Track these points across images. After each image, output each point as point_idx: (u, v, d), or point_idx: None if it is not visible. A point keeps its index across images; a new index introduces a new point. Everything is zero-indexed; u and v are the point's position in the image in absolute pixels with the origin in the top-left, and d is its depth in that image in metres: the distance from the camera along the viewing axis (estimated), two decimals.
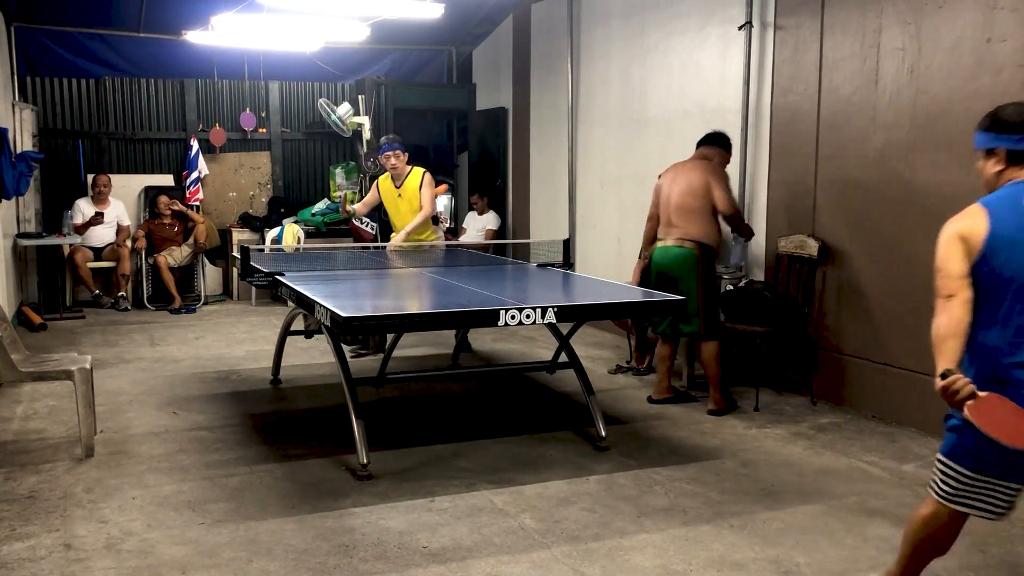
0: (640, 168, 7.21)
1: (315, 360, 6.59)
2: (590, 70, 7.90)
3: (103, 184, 8.90)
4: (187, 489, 4.04)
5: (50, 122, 9.24)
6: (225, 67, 9.78)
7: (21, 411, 5.28)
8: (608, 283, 5.48)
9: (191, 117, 9.73)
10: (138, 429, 4.93)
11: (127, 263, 8.85)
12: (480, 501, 3.91)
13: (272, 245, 8.97)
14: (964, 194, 4.62)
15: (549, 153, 8.65)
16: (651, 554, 3.40)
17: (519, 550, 3.43)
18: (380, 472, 4.21)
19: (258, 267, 5.34)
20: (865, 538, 3.55)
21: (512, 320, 3.98)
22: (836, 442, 4.75)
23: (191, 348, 7.12)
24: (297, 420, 5.17)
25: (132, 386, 5.88)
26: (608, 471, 4.29)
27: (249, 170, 10.11)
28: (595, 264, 7.76)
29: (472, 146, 10.10)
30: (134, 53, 9.46)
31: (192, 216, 9.23)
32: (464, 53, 10.48)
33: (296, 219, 9.66)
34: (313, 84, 10.20)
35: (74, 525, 3.63)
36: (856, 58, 5.19)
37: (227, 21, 7.17)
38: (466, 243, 8.27)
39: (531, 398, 5.73)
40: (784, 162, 5.72)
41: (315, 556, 3.36)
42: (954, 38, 4.62)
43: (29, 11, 8.69)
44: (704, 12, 6.45)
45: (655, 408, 5.42)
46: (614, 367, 6.39)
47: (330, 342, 4.55)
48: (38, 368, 4.56)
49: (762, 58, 5.92)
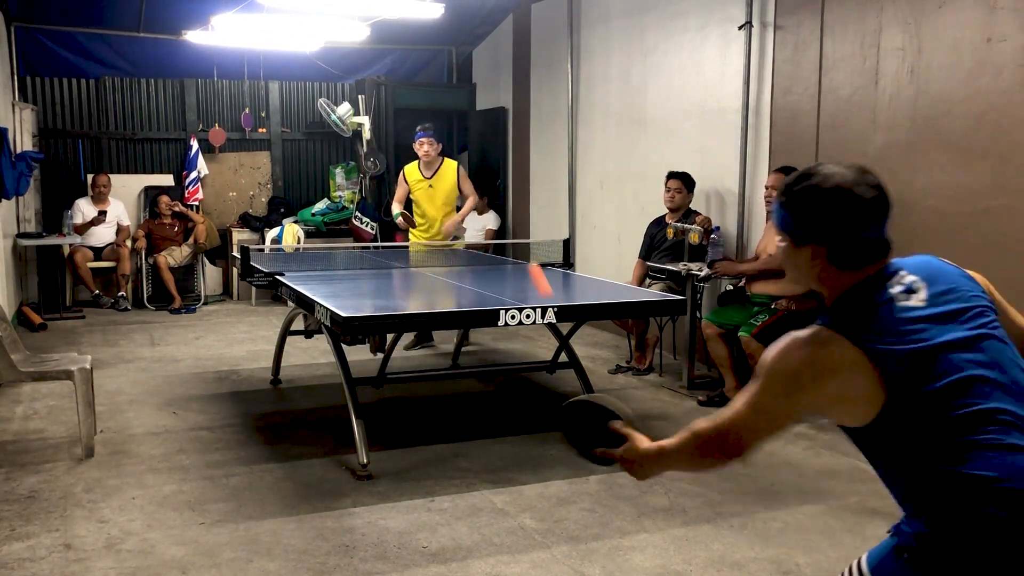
0: (640, 168, 7.21)
1: (315, 360, 6.59)
2: (590, 70, 7.90)
3: (103, 184, 8.89)
4: (187, 489, 4.03)
5: (50, 122, 9.24)
6: (225, 67, 9.77)
7: (21, 411, 5.28)
8: (608, 283, 5.48)
9: (191, 117, 9.73)
10: (138, 429, 4.93)
11: (127, 263, 8.84)
12: (480, 501, 3.91)
13: (272, 245, 8.97)
14: (964, 194, 4.65)
15: (549, 153, 8.65)
16: (651, 554, 3.40)
17: (519, 550, 3.43)
18: (380, 472, 4.21)
19: (258, 267, 5.34)
20: (865, 538, 3.54)
21: (512, 320, 3.99)
22: (836, 442, 4.75)
23: (191, 348, 7.12)
24: (297, 420, 5.17)
25: (132, 386, 5.88)
26: (608, 471, 4.26)
27: (249, 170, 10.11)
28: (595, 264, 7.75)
29: (472, 146, 10.09)
30: (134, 53, 9.45)
31: (192, 216, 9.23)
32: (464, 53, 10.48)
33: (296, 219, 9.66)
34: (313, 84, 10.20)
35: (74, 525, 3.63)
36: (856, 58, 5.19)
37: (227, 21, 7.17)
38: (466, 243, 8.26)
39: (531, 398, 5.72)
40: (784, 162, 5.71)
41: (315, 556, 3.36)
42: (954, 38, 4.62)
43: (29, 11, 8.68)
44: (704, 12, 6.45)
45: (655, 408, 5.42)
46: (614, 367, 6.39)
47: (330, 342, 4.55)
48: (38, 368, 4.56)
49: (762, 58, 5.92)
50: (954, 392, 1.62)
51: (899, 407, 1.63)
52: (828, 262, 1.74)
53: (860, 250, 1.73)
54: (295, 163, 10.31)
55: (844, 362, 1.63)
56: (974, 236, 4.49)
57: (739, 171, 6.07)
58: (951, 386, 1.62)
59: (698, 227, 5.84)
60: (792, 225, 1.78)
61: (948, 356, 1.64)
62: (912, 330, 1.66)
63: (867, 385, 1.63)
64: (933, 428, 1.62)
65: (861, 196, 1.71)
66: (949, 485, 1.61)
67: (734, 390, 5.44)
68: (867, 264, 1.74)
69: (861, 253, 1.73)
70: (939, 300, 1.70)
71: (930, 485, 1.64)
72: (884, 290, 1.71)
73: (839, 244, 1.73)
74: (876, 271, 1.74)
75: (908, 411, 1.63)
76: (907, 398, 1.63)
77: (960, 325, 1.68)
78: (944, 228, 4.67)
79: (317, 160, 10.41)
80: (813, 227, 1.74)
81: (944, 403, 1.62)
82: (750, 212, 6.07)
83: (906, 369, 1.63)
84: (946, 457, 1.61)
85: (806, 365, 1.66)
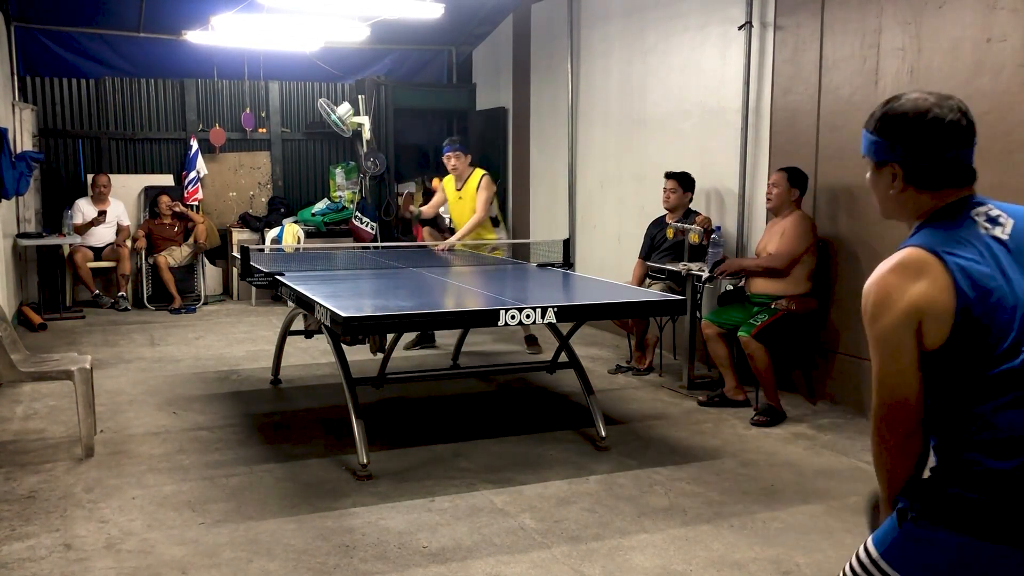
0: (640, 168, 7.21)
1: (315, 360, 6.59)
2: (590, 70, 7.90)
3: (103, 184, 8.89)
4: (187, 489, 4.03)
5: (50, 122, 9.24)
6: (225, 67, 9.77)
7: (21, 411, 5.28)
8: (608, 283, 5.48)
9: (191, 117, 9.73)
10: (138, 429, 4.93)
11: (127, 263, 8.84)
12: (480, 501, 3.91)
13: (272, 245, 8.97)
14: None
15: (549, 153, 8.65)
16: (651, 554, 3.40)
17: (519, 550, 3.43)
18: (380, 472, 4.21)
19: (258, 267, 5.34)
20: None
21: (512, 320, 3.98)
22: (836, 442, 4.75)
23: (191, 348, 7.12)
24: (297, 420, 5.17)
25: (132, 386, 5.88)
26: (608, 471, 4.29)
27: (249, 170, 10.11)
28: (595, 264, 7.75)
29: (472, 146, 10.08)
30: (134, 53, 9.45)
31: (192, 216, 9.23)
32: (464, 53, 10.48)
33: (296, 219, 9.66)
34: (313, 84, 10.20)
35: (74, 525, 3.63)
36: (856, 58, 5.19)
37: (227, 21, 7.17)
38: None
39: (531, 398, 5.72)
40: (784, 162, 5.71)
41: (315, 556, 3.36)
42: (954, 38, 4.62)
43: (29, 11, 8.68)
44: (704, 12, 6.45)
45: (655, 408, 5.42)
46: (614, 367, 6.39)
47: (330, 342, 4.55)
48: (38, 368, 4.56)
49: (762, 58, 5.92)
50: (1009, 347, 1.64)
51: (962, 335, 1.64)
52: (905, 182, 1.77)
53: (937, 170, 1.74)
54: (295, 163, 10.32)
55: (924, 265, 1.66)
56: None
57: (739, 171, 6.07)
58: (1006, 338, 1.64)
59: (698, 227, 5.84)
60: (872, 146, 1.81)
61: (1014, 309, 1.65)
62: (992, 255, 1.68)
63: (946, 299, 1.64)
64: (977, 370, 1.65)
65: (938, 116, 1.72)
66: (974, 430, 1.65)
67: (734, 390, 5.44)
68: (946, 186, 1.75)
69: (938, 173, 1.74)
70: (1021, 236, 1.72)
71: (957, 425, 1.68)
72: (967, 215, 1.73)
73: (914, 162, 1.75)
74: (958, 198, 1.75)
75: (965, 344, 1.65)
76: (969, 329, 1.64)
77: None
78: None
79: (317, 160, 10.41)
80: (890, 145, 1.77)
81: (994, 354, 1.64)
82: (750, 212, 6.07)
83: (976, 298, 1.64)
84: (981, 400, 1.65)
85: (893, 280, 1.68)
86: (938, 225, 1.73)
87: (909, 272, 1.66)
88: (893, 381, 1.69)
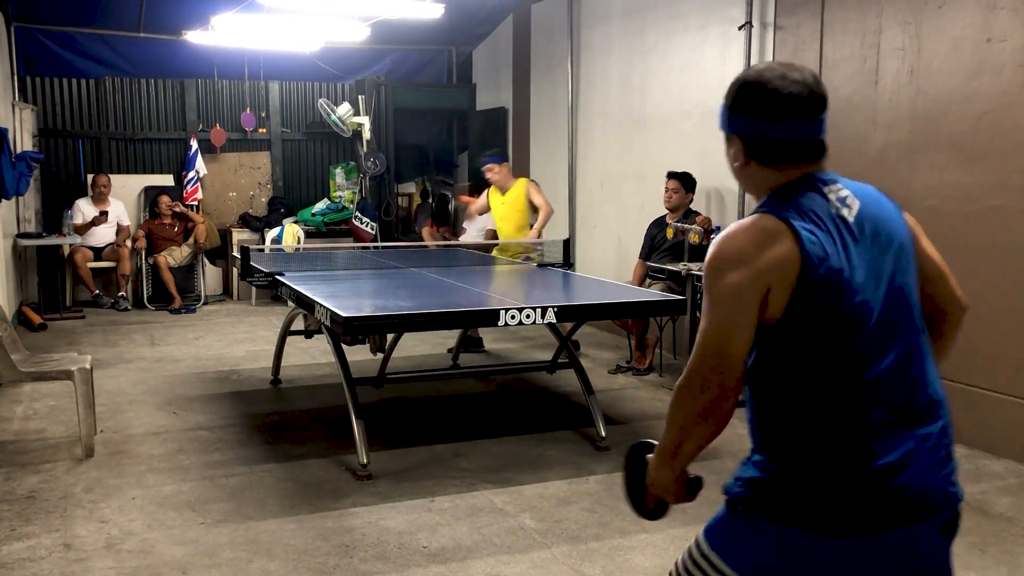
0: (640, 168, 7.21)
1: (315, 360, 6.59)
2: (590, 70, 7.90)
3: (103, 184, 8.89)
4: (187, 489, 4.03)
5: (50, 122, 9.24)
6: (225, 67, 9.77)
7: (21, 411, 5.28)
8: (608, 283, 5.48)
9: (191, 117, 9.73)
10: (138, 429, 4.93)
11: (127, 263, 8.85)
12: (480, 501, 3.91)
13: (272, 245, 8.97)
14: (964, 194, 4.65)
15: (549, 153, 8.65)
16: (651, 554, 3.40)
17: (519, 550, 3.43)
18: (380, 472, 4.21)
19: (258, 267, 5.35)
20: None
21: (512, 320, 3.99)
22: None
23: (191, 348, 7.12)
24: (297, 420, 5.17)
25: (132, 386, 5.88)
26: (608, 471, 4.29)
27: (249, 170, 10.11)
28: (595, 264, 7.76)
29: (472, 146, 10.09)
30: (134, 53, 9.45)
31: (192, 216, 9.23)
32: (464, 53, 10.48)
33: (296, 219, 9.66)
34: (313, 84, 10.20)
35: (74, 525, 3.63)
36: (856, 58, 5.19)
37: (227, 21, 7.18)
38: (466, 243, 8.26)
39: (531, 398, 5.72)
40: None
41: (315, 556, 3.36)
42: (954, 38, 4.62)
43: (29, 11, 8.69)
44: (704, 12, 6.45)
45: (655, 408, 5.42)
46: (614, 367, 6.39)
47: (330, 342, 4.55)
48: (38, 368, 4.56)
49: (762, 58, 5.92)
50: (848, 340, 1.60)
51: (801, 310, 1.58)
52: (747, 156, 1.71)
53: (777, 145, 1.67)
54: (295, 163, 10.32)
55: (778, 232, 1.59)
56: (974, 236, 4.49)
57: None
58: (845, 328, 1.59)
59: (698, 227, 5.84)
60: (720, 116, 1.76)
61: (855, 300, 1.60)
62: (839, 234, 1.62)
63: (795, 270, 1.57)
64: (822, 363, 1.60)
65: (777, 88, 1.65)
66: (819, 422, 1.60)
67: None
68: (787, 163, 1.68)
69: (778, 149, 1.67)
70: (865, 221, 1.66)
71: (802, 416, 1.62)
72: (815, 191, 1.66)
73: (753, 136, 1.68)
74: (803, 174, 1.68)
75: (803, 320, 1.59)
76: (810, 305, 1.58)
77: (881, 255, 1.65)
78: (944, 228, 4.66)
79: (317, 160, 10.42)
80: (731, 117, 1.72)
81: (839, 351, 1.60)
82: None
83: (824, 274, 1.58)
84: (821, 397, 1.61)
85: (747, 239, 1.61)
86: (788, 199, 1.65)
87: (766, 236, 1.60)
88: (726, 337, 1.58)
